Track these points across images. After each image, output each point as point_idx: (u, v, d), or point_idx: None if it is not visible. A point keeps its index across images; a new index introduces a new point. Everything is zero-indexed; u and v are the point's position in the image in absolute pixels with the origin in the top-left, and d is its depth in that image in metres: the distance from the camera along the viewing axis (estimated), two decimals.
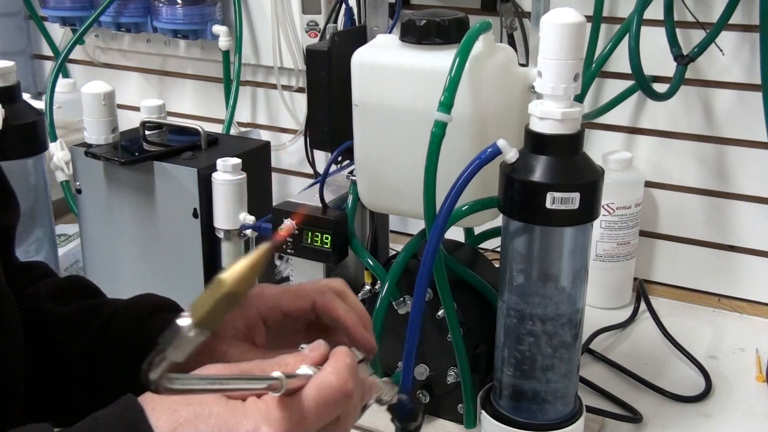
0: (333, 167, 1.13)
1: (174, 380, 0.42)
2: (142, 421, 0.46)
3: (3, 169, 0.71)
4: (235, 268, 0.40)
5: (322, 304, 0.62)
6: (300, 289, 0.63)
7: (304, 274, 1.10)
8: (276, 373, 0.46)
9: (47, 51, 1.76)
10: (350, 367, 0.50)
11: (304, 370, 0.49)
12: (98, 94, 1.17)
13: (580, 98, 0.98)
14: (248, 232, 1.13)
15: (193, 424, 0.46)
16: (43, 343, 0.68)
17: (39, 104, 1.34)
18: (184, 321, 0.40)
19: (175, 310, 0.70)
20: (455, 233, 1.00)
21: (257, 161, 1.21)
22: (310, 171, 1.41)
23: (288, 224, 0.37)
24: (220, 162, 1.10)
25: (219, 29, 1.48)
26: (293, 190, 1.54)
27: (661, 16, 1.15)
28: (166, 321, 0.66)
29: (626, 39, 1.13)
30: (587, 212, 0.82)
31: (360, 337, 0.62)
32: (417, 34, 0.92)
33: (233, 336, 0.62)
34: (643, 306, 1.27)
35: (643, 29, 1.12)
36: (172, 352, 0.40)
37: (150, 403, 0.47)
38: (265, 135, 1.55)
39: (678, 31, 1.17)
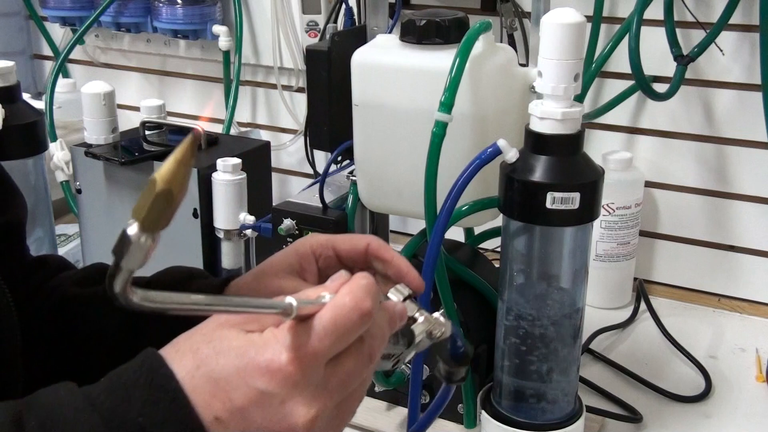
0: (333, 167, 1.13)
1: (140, 293, 0.42)
2: (161, 365, 0.48)
3: (3, 167, 0.71)
4: (163, 167, 0.40)
5: (377, 246, 0.64)
6: (354, 234, 0.65)
7: None
8: (288, 298, 0.47)
9: (47, 51, 1.76)
10: (366, 287, 0.50)
11: (325, 298, 0.50)
12: (98, 94, 1.17)
13: (580, 98, 0.98)
14: (248, 232, 1.13)
15: (215, 360, 0.47)
16: (77, 327, 0.68)
17: (39, 104, 1.34)
18: (130, 228, 0.39)
19: (206, 277, 0.71)
20: (455, 233, 1.00)
21: (257, 161, 1.21)
22: (310, 171, 1.41)
23: (204, 118, 0.36)
24: (220, 162, 1.10)
25: (219, 29, 1.48)
26: (293, 190, 1.54)
27: (661, 16, 1.15)
28: (202, 286, 0.68)
29: (626, 39, 1.13)
30: (587, 212, 0.82)
31: (412, 277, 0.63)
32: (417, 34, 0.92)
33: (286, 271, 0.64)
34: (643, 306, 1.27)
35: (643, 29, 1.12)
36: (126, 261, 0.40)
37: (174, 347, 0.49)
38: (265, 135, 1.55)
39: (678, 31, 1.17)
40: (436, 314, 0.59)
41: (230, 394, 0.47)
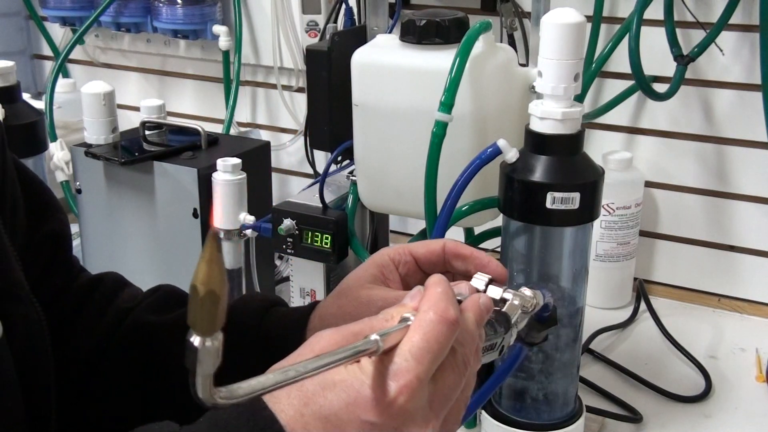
0: (333, 167, 1.13)
1: (229, 390, 0.43)
2: (263, 407, 0.47)
3: (41, 180, 0.71)
4: (198, 271, 0.40)
5: (453, 245, 0.64)
6: (428, 240, 0.68)
7: (304, 274, 1.10)
8: (372, 336, 0.47)
9: (47, 51, 1.76)
10: (444, 294, 0.50)
11: (406, 318, 0.50)
12: (98, 94, 1.17)
13: (580, 98, 0.98)
14: (248, 232, 1.13)
15: (322, 395, 0.47)
16: (155, 356, 0.68)
17: (39, 104, 1.34)
18: (192, 338, 0.41)
19: (284, 304, 0.72)
20: (455, 233, 1.00)
21: (257, 161, 1.21)
22: (310, 171, 1.41)
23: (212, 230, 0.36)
24: (220, 162, 1.10)
25: (219, 29, 1.48)
26: (293, 190, 1.54)
27: (661, 16, 1.15)
28: (282, 314, 0.68)
29: (626, 39, 1.13)
30: (587, 212, 0.82)
31: (494, 266, 0.63)
32: (417, 34, 0.92)
33: (370, 282, 0.65)
34: (643, 306, 1.27)
35: (643, 29, 1.12)
36: (202, 369, 0.41)
37: None
38: (265, 135, 1.55)
39: (678, 31, 1.17)
40: (523, 288, 0.59)
41: (343, 428, 0.47)
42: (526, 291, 0.60)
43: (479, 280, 0.59)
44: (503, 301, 0.58)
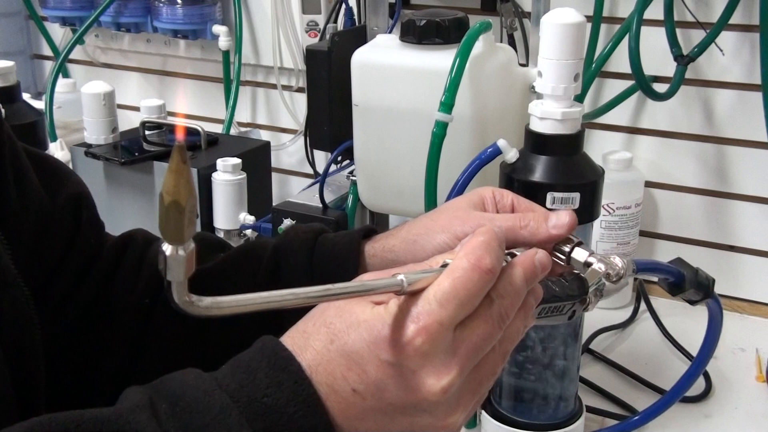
0: (333, 167, 1.13)
1: (214, 302, 0.44)
2: (281, 348, 0.48)
3: (47, 155, 0.72)
4: (164, 182, 0.41)
5: (556, 237, 0.61)
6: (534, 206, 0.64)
7: None
8: (399, 276, 0.47)
9: (47, 51, 1.76)
10: (484, 244, 0.49)
11: (446, 264, 0.49)
12: (98, 94, 1.17)
13: (580, 98, 0.98)
14: (248, 232, 1.13)
15: (346, 334, 0.48)
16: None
17: (39, 104, 1.34)
18: (163, 246, 0.42)
19: (328, 230, 0.71)
20: None
21: (257, 161, 1.21)
22: (310, 171, 1.41)
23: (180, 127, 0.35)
24: (220, 162, 1.10)
25: (219, 29, 1.48)
26: (293, 190, 1.54)
27: (661, 16, 1.15)
28: (329, 239, 0.68)
29: (626, 39, 1.13)
30: (587, 212, 0.82)
31: (557, 231, 0.61)
32: (417, 34, 0.92)
33: (470, 207, 0.65)
34: (643, 306, 1.27)
35: (643, 29, 1.12)
36: (172, 275, 0.42)
37: (311, 319, 0.50)
38: (265, 135, 1.55)
39: (678, 31, 1.17)
40: (613, 256, 0.58)
41: (364, 367, 0.48)
42: (616, 259, 0.58)
43: (566, 242, 0.58)
44: (587, 265, 0.57)
